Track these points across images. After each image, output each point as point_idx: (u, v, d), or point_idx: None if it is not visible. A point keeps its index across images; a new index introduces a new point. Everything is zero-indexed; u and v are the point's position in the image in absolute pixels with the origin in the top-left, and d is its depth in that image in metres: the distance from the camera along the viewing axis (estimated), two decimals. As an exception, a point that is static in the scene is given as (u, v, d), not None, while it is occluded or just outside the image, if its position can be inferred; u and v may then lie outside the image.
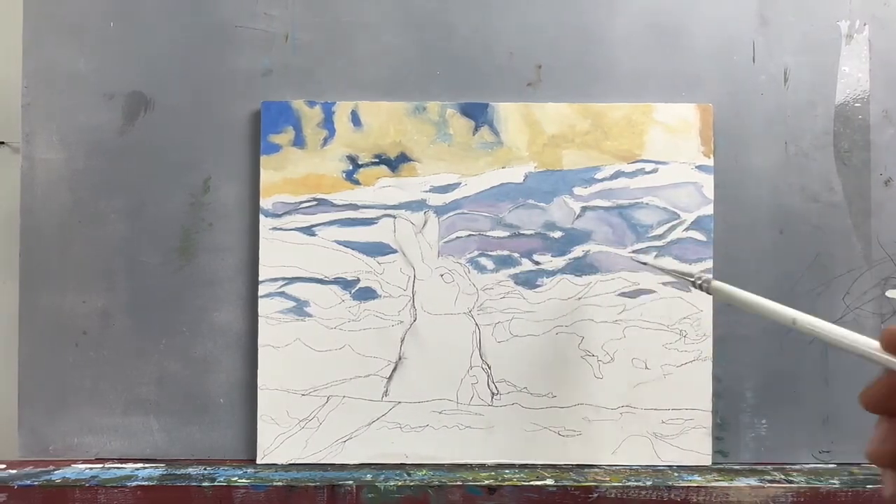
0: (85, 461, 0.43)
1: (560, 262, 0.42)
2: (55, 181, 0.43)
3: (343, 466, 0.42)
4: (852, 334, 0.26)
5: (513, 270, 0.42)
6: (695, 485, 0.39)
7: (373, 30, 0.44)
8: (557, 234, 0.43)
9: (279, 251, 0.42)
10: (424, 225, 0.42)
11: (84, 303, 0.43)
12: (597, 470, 0.41)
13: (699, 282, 0.33)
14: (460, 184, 0.43)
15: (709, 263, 0.42)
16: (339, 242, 0.42)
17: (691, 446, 0.42)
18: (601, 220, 0.43)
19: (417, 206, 0.43)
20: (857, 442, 0.43)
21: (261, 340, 0.42)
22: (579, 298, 0.42)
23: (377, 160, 0.43)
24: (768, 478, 0.40)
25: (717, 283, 0.32)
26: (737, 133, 0.43)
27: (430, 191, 0.43)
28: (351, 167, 0.43)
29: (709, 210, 0.43)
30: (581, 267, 0.42)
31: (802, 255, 0.43)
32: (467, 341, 0.42)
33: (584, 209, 0.43)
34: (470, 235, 0.43)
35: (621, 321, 0.42)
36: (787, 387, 0.43)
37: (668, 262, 0.41)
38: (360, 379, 0.42)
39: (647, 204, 0.43)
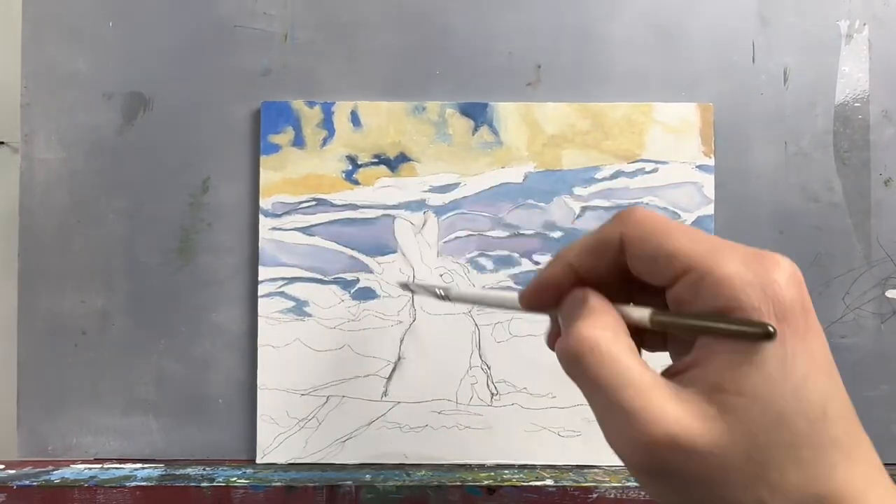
0: (84, 461, 0.43)
1: (560, 262, 0.42)
2: (54, 181, 0.43)
3: (342, 466, 0.42)
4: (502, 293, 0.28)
5: (513, 271, 0.42)
6: (695, 485, 0.39)
7: (372, 29, 0.44)
8: (557, 235, 0.43)
9: (279, 251, 0.42)
10: (424, 225, 0.42)
11: (83, 303, 0.43)
12: (596, 470, 0.41)
13: (441, 293, 0.35)
14: (460, 184, 0.43)
15: (709, 263, 0.42)
16: (338, 242, 0.42)
17: (691, 446, 0.42)
18: (601, 220, 0.43)
19: (417, 206, 0.43)
20: (858, 442, 0.43)
21: (260, 340, 0.42)
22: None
23: (377, 160, 0.43)
24: (768, 478, 0.40)
25: (455, 290, 0.33)
26: (736, 133, 0.43)
27: (429, 191, 0.43)
28: (350, 167, 0.43)
29: (709, 210, 0.42)
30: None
31: (802, 255, 0.43)
32: (467, 341, 0.42)
33: (583, 209, 0.43)
34: (469, 235, 0.43)
35: (621, 321, 0.42)
36: (787, 387, 0.43)
37: (422, 282, 0.41)
38: (359, 379, 0.42)
39: (647, 204, 0.43)
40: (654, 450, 0.20)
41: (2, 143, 0.50)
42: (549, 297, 0.25)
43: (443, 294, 0.34)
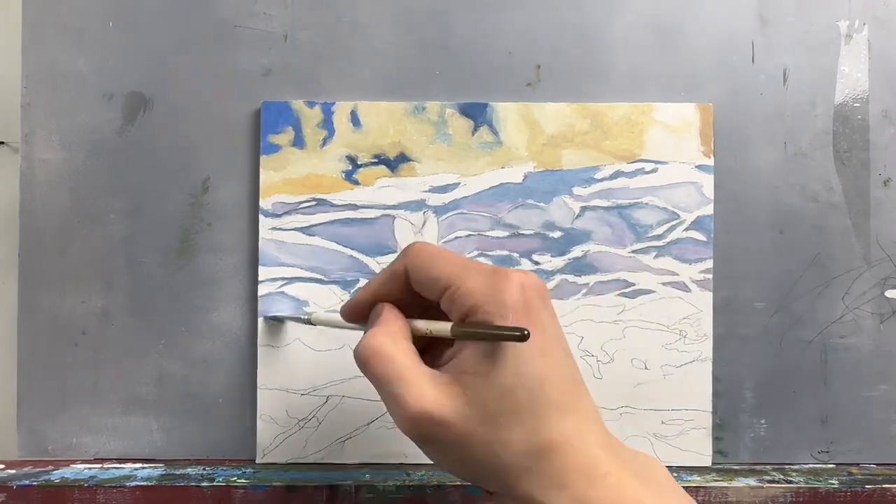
0: (84, 461, 0.43)
1: (559, 262, 0.42)
2: (54, 181, 0.43)
3: (342, 466, 0.42)
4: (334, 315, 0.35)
5: (512, 270, 0.42)
6: (694, 485, 0.39)
7: (372, 30, 0.44)
8: (557, 234, 0.43)
9: (279, 251, 0.42)
10: (424, 225, 0.43)
11: (83, 303, 0.43)
12: (596, 470, 0.41)
13: (305, 318, 0.39)
14: (459, 184, 0.43)
15: (709, 263, 0.42)
16: (338, 242, 0.42)
17: (691, 447, 0.42)
18: (601, 220, 0.43)
19: (417, 206, 0.43)
20: (857, 442, 0.43)
21: (260, 340, 0.42)
22: (578, 298, 0.42)
23: (376, 160, 0.43)
24: (767, 478, 0.40)
25: (317, 315, 0.39)
26: (736, 133, 0.43)
27: (429, 191, 0.43)
28: (350, 167, 0.43)
29: (709, 210, 0.43)
30: (580, 267, 0.42)
31: (802, 255, 0.43)
32: (467, 341, 0.42)
33: (583, 209, 0.43)
34: (469, 235, 0.43)
35: (621, 321, 0.42)
36: (787, 387, 0.43)
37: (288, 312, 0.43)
38: (359, 379, 0.42)
39: (646, 204, 0.43)
40: (416, 423, 0.27)
41: (2, 143, 0.50)
42: (361, 314, 0.32)
43: (306, 319, 0.39)
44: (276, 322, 0.42)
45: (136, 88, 0.43)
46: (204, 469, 0.41)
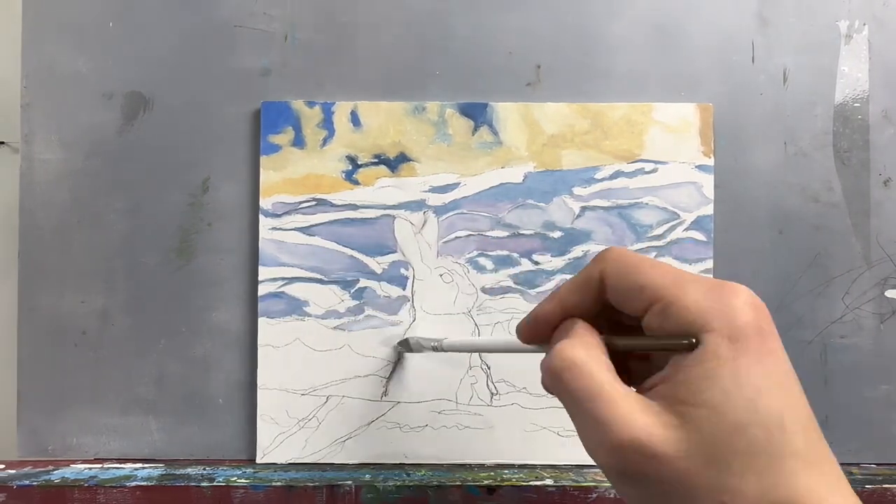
0: (84, 461, 0.43)
1: (560, 262, 0.42)
2: (54, 181, 0.43)
3: (342, 466, 0.42)
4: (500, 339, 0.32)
5: (512, 270, 0.42)
6: (694, 485, 0.39)
7: (372, 30, 0.44)
8: (557, 234, 0.43)
9: (279, 251, 0.42)
10: (424, 225, 0.43)
11: (83, 303, 0.43)
12: (596, 470, 0.41)
13: (435, 345, 0.38)
14: (459, 184, 0.43)
15: (709, 263, 0.42)
16: (338, 242, 0.42)
17: (691, 446, 0.42)
18: (601, 220, 0.43)
19: (417, 206, 0.43)
20: (857, 442, 0.43)
21: (260, 340, 0.42)
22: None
23: (376, 160, 0.43)
24: (768, 478, 0.40)
25: (447, 342, 0.37)
26: (736, 133, 0.43)
27: (429, 191, 0.43)
28: (350, 167, 0.43)
29: (709, 210, 0.43)
30: (581, 267, 0.42)
31: (802, 255, 0.43)
32: (467, 341, 0.42)
33: (583, 209, 0.43)
34: (469, 235, 0.43)
35: (621, 321, 0.42)
36: (787, 387, 0.43)
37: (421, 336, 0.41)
38: (359, 379, 0.42)
39: (646, 204, 0.43)
40: (621, 453, 0.22)
41: (2, 143, 0.50)
42: (543, 329, 0.28)
43: (436, 346, 0.37)
44: (404, 348, 0.42)
45: (136, 88, 0.43)
46: (204, 469, 0.41)
